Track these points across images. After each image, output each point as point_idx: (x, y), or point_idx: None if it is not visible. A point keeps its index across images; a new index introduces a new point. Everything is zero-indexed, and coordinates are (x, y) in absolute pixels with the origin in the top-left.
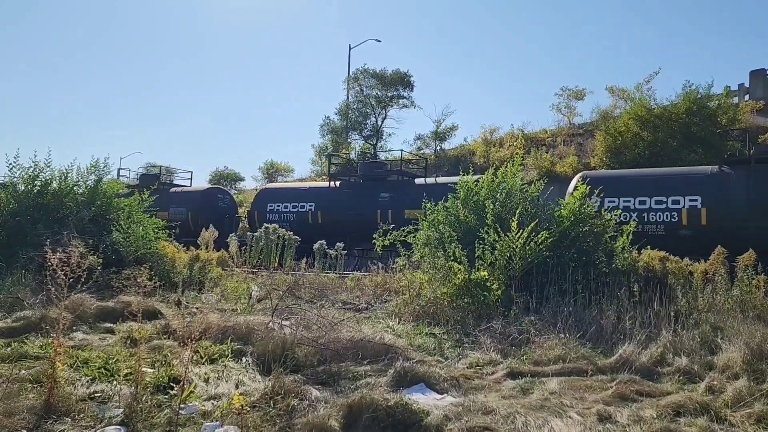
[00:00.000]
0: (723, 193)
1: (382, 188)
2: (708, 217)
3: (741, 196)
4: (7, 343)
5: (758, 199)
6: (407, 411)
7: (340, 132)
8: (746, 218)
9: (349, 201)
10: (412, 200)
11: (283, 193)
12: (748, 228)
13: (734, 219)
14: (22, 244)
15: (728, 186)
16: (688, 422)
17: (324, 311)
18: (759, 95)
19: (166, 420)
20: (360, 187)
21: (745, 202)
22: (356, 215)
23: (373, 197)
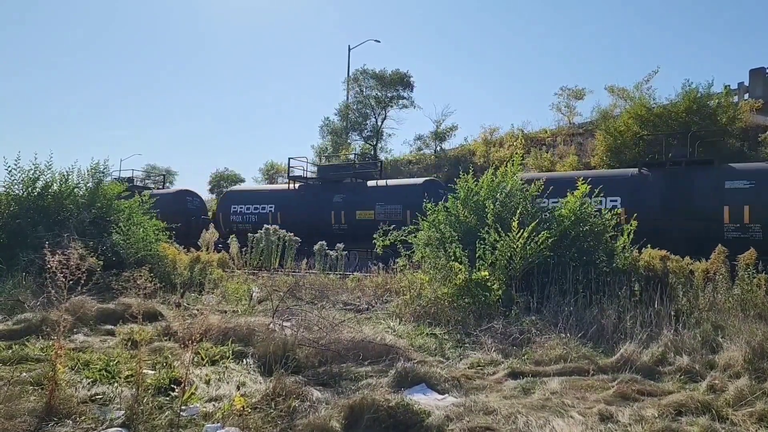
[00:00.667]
0: (640, 194)
1: (336, 190)
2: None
3: (656, 197)
4: (8, 346)
5: (670, 199)
6: (408, 411)
7: (339, 133)
8: (659, 218)
9: (306, 202)
10: (363, 202)
11: (246, 195)
12: (661, 227)
13: (649, 218)
14: (23, 246)
15: (644, 187)
16: (689, 421)
17: (325, 312)
18: (758, 94)
19: (167, 422)
20: (317, 189)
21: (659, 202)
22: (312, 216)
23: (328, 199)
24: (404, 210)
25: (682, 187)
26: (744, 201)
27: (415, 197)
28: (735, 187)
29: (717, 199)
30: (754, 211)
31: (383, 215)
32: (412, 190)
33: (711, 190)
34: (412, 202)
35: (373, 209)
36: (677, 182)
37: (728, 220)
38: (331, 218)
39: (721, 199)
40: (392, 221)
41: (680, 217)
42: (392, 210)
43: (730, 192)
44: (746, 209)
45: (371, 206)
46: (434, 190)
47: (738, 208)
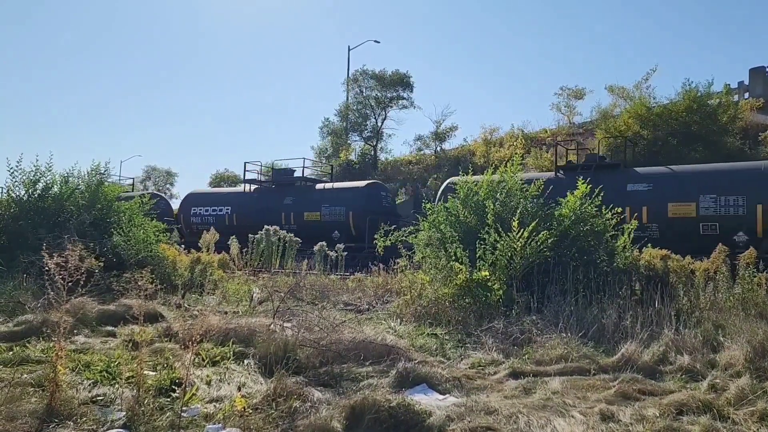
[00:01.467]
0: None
1: (287, 193)
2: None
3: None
4: (8, 347)
5: None
6: (410, 412)
7: (339, 133)
8: None
9: (259, 204)
10: (310, 204)
11: (205, 197)
12: None
13: None
14: (24, 248)
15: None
16: (690, 421)
17: (325, 312)
18: (759, 93)
19: (168, 423)
20: (270, 191)
21: None
22: (265, 217)
23: (279, 201)
24: (347, 212)
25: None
26: (642, 202)
27: (358, 200)
28: (635, 190)
29: (620, 200)
30: (650, 211)
31: (328, 216)
32: (355, 193)
33: (615, 192)
34: (355, 204)
35: (319, 211)
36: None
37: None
38: (282, 219)
39: (624, 200)
40: (337, 222)
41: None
42: (337, 211)
43: (631, 194)
44: (644, 210)
45: (318, 208)
46: (376, 193)
47: (637, 209)
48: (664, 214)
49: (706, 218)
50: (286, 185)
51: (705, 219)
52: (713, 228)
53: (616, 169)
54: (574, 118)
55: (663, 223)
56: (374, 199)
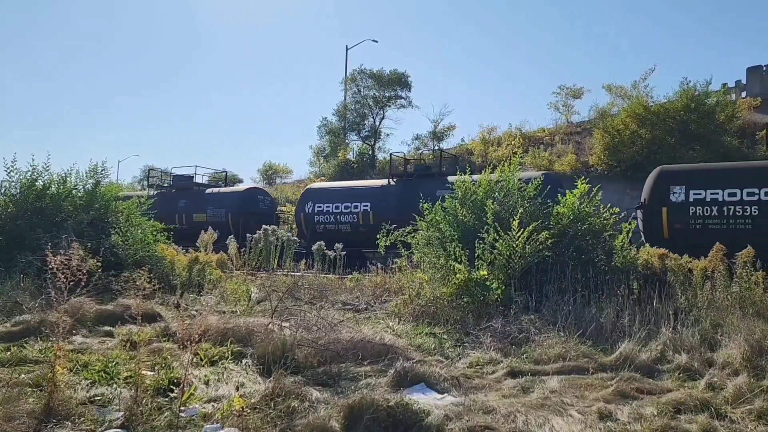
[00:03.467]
0: (384, 200)
1: (182, 197)
2: (374, 217)
3: (393, 203)
4: (6, 348)
5: (403, 204)
6: (408, 411)
7: (338, 133)
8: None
9: (159, 207)
10: (199, 206)
11: None
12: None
13: (389, 218)
14: (21, 248)
15: (388, 195)
16: (688, 419)
17: (324, 312)
18: (756, 92)
19: (166, 423)
20: (170, 195)
21: (396, 206)
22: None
23: (175, 204)
24: (227, 213)
25: (411, 194)
26: None
27: (236, 203)
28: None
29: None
30: None
31: (212, 218)
32: (234, 196)
33: (429, 196)
34: (234, 207)
35: (205, 212)
36: (408, 190)
37: None
38: (176, 220)
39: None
40: (218, 222)
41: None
42: (219, 213)
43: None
44: None
45: (204, 210)
46: (253, 197)
47: None
48: None
49: None
50: (184, 190)
51: None
52: None
53: (432, 177)
54: (572, 117)
55: None
56: (251, 201)
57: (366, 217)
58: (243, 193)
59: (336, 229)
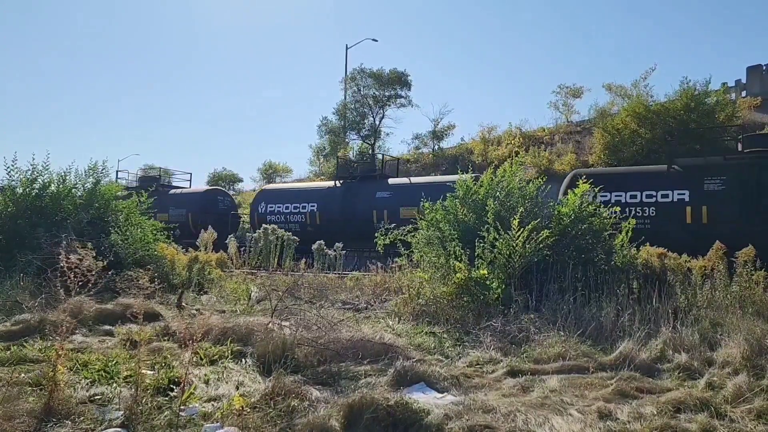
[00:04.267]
0: (329, 201)
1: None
2: (320, 217)
3: (337, 203)
4: (6, 347)
5: (346, 205)
6: (408, 410)
7: (338, 132)
8: (338, 218)
9: None
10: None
11: None
12: (340, 225)
13: (333, 219)
14: (21, 247)
15: (333, 196)
16: (688, 418)
17: (324, 311)
18: (756, 91)
19: (166, 422)
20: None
21: (339, 207)
22: None
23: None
24: (187, 213)
25: (353, 196)
26: (384, 206)
27: (196, 203)
28: (381, 197)
29: (370, 205)
30: (389, 213)
31: (174, 218)
32: (195, 197)
33: (368, 198)
34: (194, 207)
35: (168, 212)
36: (351, 193)
37: (376, 221)
38: None
39: (372, 205)
40: (180, 222)
41: (351, 217)
42: (180, 213)
43: (378, 199)
44: (385, 212)
45: (167, 210)
46: (213, 198)
47: (381, 212)
48: (397, 216)
49: None
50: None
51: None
52: None
53: (374, 180)
54: (572, 117)
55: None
56: (210, 202)
57: (313, 217)
58: (203, 194)
59: (286, 228)
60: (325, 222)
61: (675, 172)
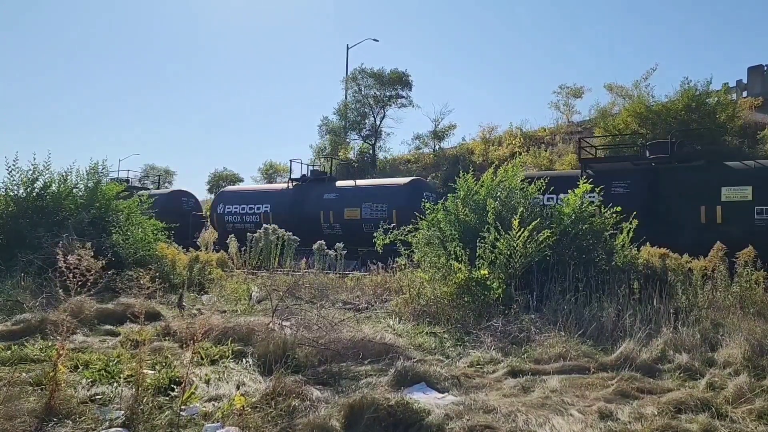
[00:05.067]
0: (281, 202)
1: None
2: (273, 217)
3: (288, 204)
4: (7, 346)
5: (296, 205)
6: (408, 410)
7: (338, 132)
8: (288, 217)
9: None
10: None
11: None
12: (291, 221)
13: (284, 218)
14: (22, 246)
15: (284, 197)
16: (689, 419)
17: (324, 311)
18: (757, 91)
19: (167, 421)
20: None
21: (289, 208)
22: None
23: None
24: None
25: (303, 197)
26: (331, 207)
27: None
28: (329, 198)
29: (318, 206)
30: (335, 215)
31: None
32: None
33: (316, 199)
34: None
35: None
36: (301, 194)
37: (323, 220)
38: None
39: (320, 205)
40: None
41: (300, 217)
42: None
43: (326, 201)
44: (331, 213)
45: None
46: (177, 199)
47: (327, 213)
48: (342, 216)
49: (368, 219)
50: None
51: (366, 220)
52: (369, 227)
53: (323, 183)
54: (573, 117)
55: (342, 223)
56: (175, 203)
57: (266, 217)
58: (168, 195)
59: (242, 228)
60: (277, 221)
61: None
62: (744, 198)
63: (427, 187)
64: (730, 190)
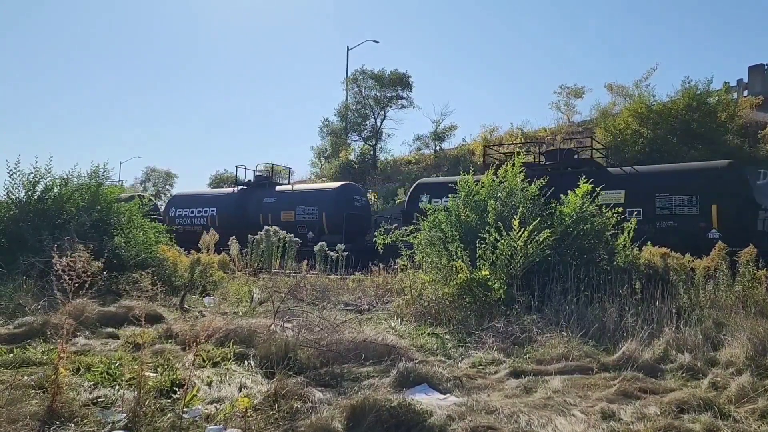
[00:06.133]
0: (226, 205)
1: None
2: (219, 220)
3: (232, 208)
4: (9, 350)
5: (240, 208)
6: (410, 411)
7: (339, 133)
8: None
9: None
10: None
11: None
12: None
13: (230, 221)
14: (23, 250)
15: (230, 201)
16: (691, 419)
17: (326, 313)
18: (758, 90)
19: (169, 424)
20: None
21: (234, 210)
22: None
23: None
24: None
25: (246, 201)
26: (270, 210)
27: None
28: (267, 202)
29: (258, 209)
30: (273, 217)
31: None
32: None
33: (257, 203)
34: None
35: None
36: (245, 198)
37: (262, 223)
38: None
39: (260, 209)
40: None
41: (243, 220)
42: None
43: (265, 204)
44: (269, 216)
45: None
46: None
47: (266, 215)
48: (279, 219)
49: (301, 222)
50: None
51: (300, 222)
52: (302, 228)
53: (264, 187)
54: (574, 117)
55: (280, 224)
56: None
57: (213, 220)
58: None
59: (192, 230)
60: (223, 224)
61: None
62: (618, 200)
63: (357, 191)
64: (607, 194)
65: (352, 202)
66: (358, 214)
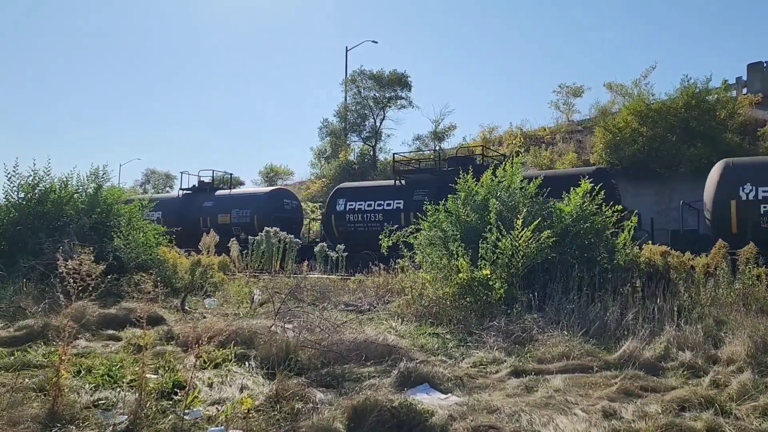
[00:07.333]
0: (171, 209)
1: None
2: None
3: (176, 211)
4: (9, 352)
5: (183, 210)
6: (412, 411)
7: (338, 134)
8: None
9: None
10: None
11: None
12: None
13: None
14: (23, 252)
15: (174, 205)
16: (693, 417)
17: (326, 313)
18: (757, 88)
19: (170, 425)
20: None
21: (177, 214)
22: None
23: None
24: None
25: (189, 205)
26: (208, 213)
27: None
28: (206, 206)
29: (198, 212)
30: (211, 220)
31: None
32: None
33: (197, 207)
34: None
35: None
36: (188, 202)
37: (202, 225)
38: None
39: (200, 212)
40: None
41: (185, 222)
42: None
43: (205, 208)
44: (208, 218)
45: None
46: None
47: (205, 218)
48: (216, 221)
49: (236, 224)
50: None
51: (235, 224)
52: (238, 230)
53: (205, 192)
54: (573, 116)
55: (217, 227)
56: None
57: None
58: None
59: None
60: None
61: (399, 185)
62: None
63: (288, 196)
64: None
65: (282, 206)
66: (287, 216)
